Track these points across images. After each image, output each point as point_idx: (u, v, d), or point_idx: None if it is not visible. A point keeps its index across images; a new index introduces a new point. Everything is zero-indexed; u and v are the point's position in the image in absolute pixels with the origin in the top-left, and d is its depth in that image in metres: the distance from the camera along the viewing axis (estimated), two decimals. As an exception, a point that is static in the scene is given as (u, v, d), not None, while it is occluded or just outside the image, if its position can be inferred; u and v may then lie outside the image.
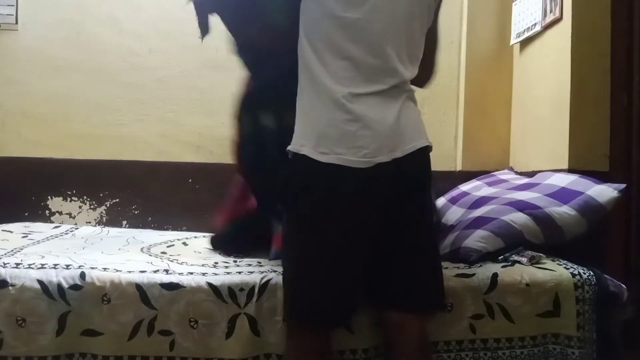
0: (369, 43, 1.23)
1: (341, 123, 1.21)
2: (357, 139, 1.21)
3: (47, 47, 2.51)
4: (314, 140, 1.23)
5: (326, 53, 1.24)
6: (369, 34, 1.23)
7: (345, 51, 1.23)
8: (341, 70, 1.23)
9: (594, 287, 1.50)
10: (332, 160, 1.21)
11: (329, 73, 1.23)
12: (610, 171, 1.95)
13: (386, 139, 1.23)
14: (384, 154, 1.22)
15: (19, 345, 1.37)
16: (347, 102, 1.21)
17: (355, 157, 1.20)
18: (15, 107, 2.48)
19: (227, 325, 1.40)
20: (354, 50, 1.23)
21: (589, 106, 1.98)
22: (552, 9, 2.10)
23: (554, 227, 1.66)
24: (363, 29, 1.23)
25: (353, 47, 1.23)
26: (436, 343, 1.46)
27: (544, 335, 1.49)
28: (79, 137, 2.52)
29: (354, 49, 1.23)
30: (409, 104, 1.30)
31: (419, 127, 1.32)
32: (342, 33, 1.23)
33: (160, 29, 2.57)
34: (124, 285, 1.41)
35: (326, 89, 1.23)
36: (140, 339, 1.39)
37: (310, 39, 1.26)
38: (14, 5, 2.48)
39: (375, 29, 1.23)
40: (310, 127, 1.25)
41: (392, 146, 1.23)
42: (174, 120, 2.31)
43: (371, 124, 1.21)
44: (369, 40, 1.23)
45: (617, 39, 1.97)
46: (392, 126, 1.24)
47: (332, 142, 1.21)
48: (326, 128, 1.22)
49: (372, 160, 1.21)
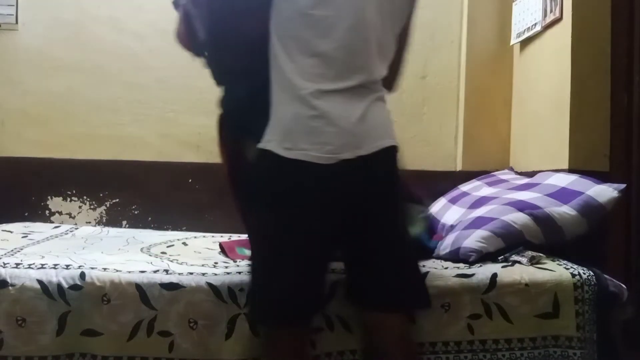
0: (338, 39, 1.23)
1: (306, 119, 1.22)
2: (321, 135, 1.21)
3: (47, 47, 2.51)
4: (280, 135, 1.23)
5: (295, 50, 1.24)
6: (338, 30, 1.23)
7: (315, 48, 1.23)
8: (309, 67, 1.23)
9: (594, 287, 1.50)
10: (296, 155, 1.21)
11: (297, 70, 1.24)
12: (610, 171, 1.95)
13: (351, 136, 1.23)
14: (348, 150, 1.22)
15: (19, 345, 1.37)
16: (313, 98, 1.22)
17: (319, 153, 1.20)
18: (15, 107, 2.48)
19: (227, 326, 1.40)
20: (323, 47, 1.23)
21: (589, 106, 1.98)
22: (552, 9, 2.10)
23: (554, 227, 1.66)
24: (332, 26, 1.23)
25: (322, 44, 1.23)
26: (434, 344, 1.46)
27: (544, 337, 1.49)
28: (79, 137, 2.53)
29: (323, 45, 1.23)
30: (377, 103, 1.29)
31: (387, 126, 1.32)
32: (311, 30, 1.23)
33: (160, 29, 2.56)
34: (123, 285, 1.41)
35: (293, 86, 1.23)
36: (139, 339, 1.39)
37: (280, 37, 1.26)
38: (14, 5, 2.48)
39: (345, 25, 1.23)
40: (277, 124, 1.25)
41: (357, 143, 1.23)
42: (174, 120, 2.31)
43: (336, 121, 1.22)
44: (338, 37, 1.23)
45: (617, 39, 1.97)
46: (357, 124, 1.23)
47: (297, 138, 1.22)
48: (291, 124, 1.23)
49: (336, 157, 1.21)
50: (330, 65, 1.24)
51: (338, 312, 1.42)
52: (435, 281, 1.46)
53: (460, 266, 1.59)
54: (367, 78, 1.27)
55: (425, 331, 1.45)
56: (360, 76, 1.26)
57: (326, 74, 1.23)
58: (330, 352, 1.43)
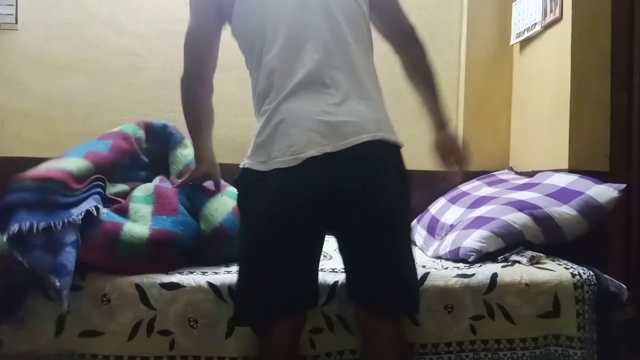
0: (279, 48, 1.27)
1: (272, 127, 1.24)
2: (286, 138, 1.22)
3: (47, 47, 2.50)
4: (255, 151, 1.28)
5: (252, 70, 1.35)
6: (278, 39, 1.27)
7: (262, 62, 1.29)
8: (265, 84, 1.29)
9: (594, 287, 1.50)
10: (270, 166, 1.23)
11: (261, 92, 1.29)
12: (610, 171, 1.95)
13: (314, 133, 1.21)
14: (313, 148, 1.20)
15: (18, 345, 1.37)
16: (275, 107, 1.25)
17: (285, 157, 1.21)
18: (15, 107, 2.48)
19: (227, 325, 1.40)
20: (266, 60, 1.29)
21: (589, 106, 1.98)
22: (552, 9, 2.10)
23: (554, 227, 1.66)
24: (274, 37, 1.28)
25: (266, 58, 1.29)
26: (436, 345, 1.46)
27: (545, 336, 1.49)
28: (79, 137, 2.51)
29: (267, 59, 1.29)
30: (353, 98, 1.26)
31: (367, 121, 1.25)
32: (258, 48, 1.31)
33: (160, 29, 2.57)
34: (123, 285, 1.41)
35: (259, 106, 1.30)
36: (139, 339, 1.39)
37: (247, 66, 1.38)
38: (14, 5, 2.48)
39: (287, 33, 1.27)
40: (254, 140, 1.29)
41: (323, 141, 1.21)
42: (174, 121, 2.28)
43: (298, 121, 1.22)
44: (278, 46, 1.27)
45: (617, 38, 1.97)
46: (321, 121, 1.22)
47: (269, 149, 1.24)
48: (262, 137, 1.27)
49: (299, 157, 1.20)
50: (286, 76, 1.26)
51: (338, 312, 1.42)
52: (436, 281, 1.46)
53: (460, 266, 1.59)
54: (327, 73, 1.25)
55: (428, 332, 1.45)
56: (313, 73, 1.25)
57: (281, 86, 1.26)
58: (330, 352, 1.43)
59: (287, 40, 1.27)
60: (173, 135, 1.99)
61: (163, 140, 1.98)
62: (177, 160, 1.93)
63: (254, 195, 1.27)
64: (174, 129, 2.01)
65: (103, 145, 1.72)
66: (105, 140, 1.77)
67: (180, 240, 1.55)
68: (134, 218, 1.55)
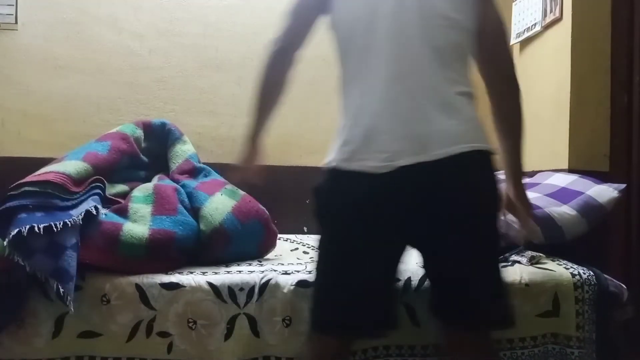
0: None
1: (361, 129, 1.20)
2: (377, 144, 1.17)
3: (47, 47, 2.50)
4: (340, 149, 1.22)
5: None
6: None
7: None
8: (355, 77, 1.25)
9: (594, 287, 1.50)
10: (354, 167, 1.18)
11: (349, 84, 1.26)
12: (610, 171, 1.95)
13: (408, 141, 1.16)
14: (406, 157, 1.15)
15: (16, 346, 1.36)
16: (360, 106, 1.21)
17: (375, 162, 1.16)
18: (15, 107, 2.48)
19: (226, 326, 1.40)
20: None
21: (589, 106, 1.98)
22: (552, 9, 2.10)
23: (554, 227, 1.66)
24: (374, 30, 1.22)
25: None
26: (438, 346, 1.45)
27: (544, 335, 1.49)
28: (79, 137, 2.51)
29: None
30: (450, 105, 1.21)
31: (463, 131, 1.19)
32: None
33: (160, 29, 2.57)
34: (123, 285, 1.41)
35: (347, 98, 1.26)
36: (138, 340, 1.39)
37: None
38: (14, 5, 2.48)
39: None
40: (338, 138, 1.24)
41: (416, 150, 1.15)
42: (174, 120, 2.30)
43: (390, 127, 1.18)
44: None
45: (617, 38, 1.97)
46: (416, 128, 1.17)
47: (355, 149, 1.19)
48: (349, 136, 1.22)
49: (391, 164, 1.15)
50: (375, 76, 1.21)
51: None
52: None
53: (460, 266, 1.59)
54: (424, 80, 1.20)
55: (429, 333, 1.43)
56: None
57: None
58: (330, 352, 1.42)
59: (386, 36, 1.20)
60: (172, 132, 1.99)
61: (162, 138, 1.98)
62: (176, 156, 1.94)
63: (337, 196, 1.22)
64: (173, 126, 2.01)
65: (101, 147, 1.73)
66: (104, 141, 1.77)
67: (180, 240, 1.55)
68: (133, 218, 1.55)
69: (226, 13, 2.60)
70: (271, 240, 1.79)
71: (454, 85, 1.22)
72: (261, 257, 1.75)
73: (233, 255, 1.65)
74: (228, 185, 1.82)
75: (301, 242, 2.13)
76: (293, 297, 1.42)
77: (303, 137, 2.62)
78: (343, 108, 1.26)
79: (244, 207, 1.73)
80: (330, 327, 1.22)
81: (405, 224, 1.17)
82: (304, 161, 2.60)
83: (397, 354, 1.44)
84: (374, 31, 1.21)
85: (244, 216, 1.70)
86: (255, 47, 2.61)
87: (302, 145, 2.62)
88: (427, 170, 1.14)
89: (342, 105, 1.27)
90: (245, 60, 2.61)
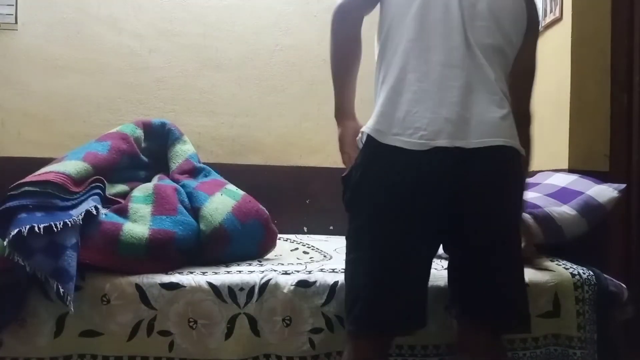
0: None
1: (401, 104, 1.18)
2: (415, 121, 1.15)
3: (47, 47, 2.50)
4: (376, 119, 1.20)
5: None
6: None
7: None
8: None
9: (594, 287, 1.50)
10: (389, 141, 1.15)
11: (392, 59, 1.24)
12: (610, 171, 1.95)
13: (448, 123, 1.15)
14: (444, 138, 1.14)
15: (19, 345, 1.37)
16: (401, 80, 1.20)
17: (411, 139, 1.14)
18: (15, 107, 2.48)
19: (226, 326, 1.40)
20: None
21: (589, 106, 1.98)
22: (552, 9, 2.10)
23: (554, 227, 1.66)
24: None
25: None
26: (438, 346, 1.45)
27: (545, 336, 1.49)
28: (79, 137, 2.51)
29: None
30: (490, 98, 1.21)
31: (502, 125, 1.20)
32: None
33: (160, 29, 2.57)
34: (123, 285, 1.41)
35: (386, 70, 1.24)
36: (139, 339, 1.39)
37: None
38: (14, 5, 2.48)
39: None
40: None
41: (455, 133, 1.15)
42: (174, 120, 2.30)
43: (432, 107, 1.16)
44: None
45: (617, 39, 1.97)
46: (459, 113, 1.16)
47: (391, 123, 1.17)
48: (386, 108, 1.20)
49: (428, 143, 1.13)
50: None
51: (338, 312, 1.41)
52: (436, 281, 1.46)
53: (460, 266, 1.59)
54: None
55: (429, 334, 1.42)
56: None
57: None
58: (330, 352, 1.43)
59: (442, 18, 1.20)
60: (172, 132, 1.99)
61: (162, 138, 1.98)
62: (176, 155, 1.94)
63: (371, 168, 1.18)
64: (173, 126, 2.01)
65: (101, 147, 1.73)
66: (104, 141, 1.77)
67: (180, 240, 1.55)
68: (133, 218, 1.55)
69: (226, 13, 2.61)
70: (271, 240, 1.79)
71: (498, 82, 1.23)
72: (261, 257, 1.74)
73: (233, 255, 1.65)
74: (228, 185, 1.82)
75: (301, 242, 2.13)
76: (293, 297, 1.42)
77: (303, 137, 2.62)
78: (384, 78, 1.23)
79: (244, 207, 1.73)
80: (382, 325, 1.19)
81: (437, 210, 1.16)
82: (304, 161, 2.61)
83: (398, 353, 1.43)
84: (429, 8, 1.21)
85: (244, 216, 1.70)
86: (255, 47, 2.62)
87: (302, 145, 2.62)
88: (464, 156, 1.14)
89: (383, 75, 1.23)
90: (245, 60, 2.61)
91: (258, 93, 2.62)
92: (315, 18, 2.64)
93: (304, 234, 2.44)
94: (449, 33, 1.20)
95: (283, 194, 2.47)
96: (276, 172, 2.57)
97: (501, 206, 1.20)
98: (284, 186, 2.52)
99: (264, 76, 2.62)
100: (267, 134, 2.60)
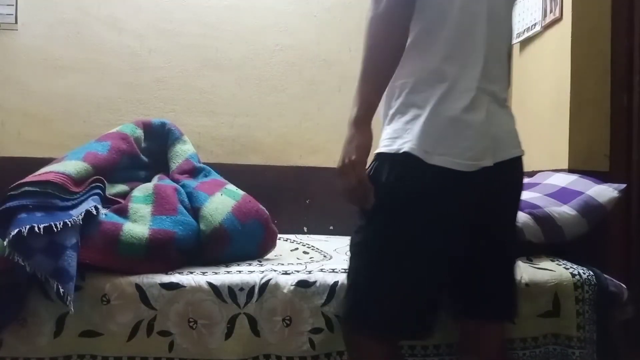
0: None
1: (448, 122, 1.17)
2: (462, 139, 1.14)
3: (47, 47, 2.50)
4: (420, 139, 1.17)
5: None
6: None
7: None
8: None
9: (594, 287, 1.50)
10: (436, 161, 1.13)
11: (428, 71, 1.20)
12: (610, 171, 1.95)
13: (489, 140, 1.16)
14: (488, 157, 1.15)
15: (19, 345, 1.37)
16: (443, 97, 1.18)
17: (459, 159, 1.13)
18: (15, 107, 2.48)
19: (226, 326, 1.40)
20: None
21: (589, 106, 1.98)
22: (552, 9, 2.10)
23: (554, 227, 1.66)
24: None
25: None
26: (438, 346, 1.45)
27: (544, 335, 1.49)
28: (79, 137, 2.51)
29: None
30: (508, 109, 1.27)
31: (515, 134, 1.27)
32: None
33: (160, 29, 2.57)
34: (123, 285, 1.41)
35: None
36: (139, 339, 1.39)
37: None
38: (14, 5, 2.48)
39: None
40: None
41: (494, 149, 1.17)
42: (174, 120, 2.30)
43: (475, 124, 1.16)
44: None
45: (617, 39, 1.97)
46: (490, 128, 1.17)
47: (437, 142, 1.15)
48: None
49: (476, 164, 1.13)
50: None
51: (338, 313, 1.42)
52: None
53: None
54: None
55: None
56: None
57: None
58: (330, 352, 1.43)
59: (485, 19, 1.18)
60: (172, 132, 1.99)
61: (162, 138, 1.98)
62: (176, 155, 1.94)
63: (412, 188, 1.14)
64: (173, 126, 2.01)
65: (101, 147, 1.73)
66: (104, 141, 1.77)
67: (180, 240, 1.55)
68: (133, 218, 1.55)
69: (226, 13, 2.61)
70: (271, 240, 1.79)
71: (505, 91, 1.28)
72: (261, 257, 1.74)
73: (233, 255, 1.65)
74: (228, 185, 1.82)
75: (301, 242, 2.13)
76: (293, 297, 1.42)
77: (303, 137, 2.62)
78: (418, 80, 1.16)
79: (244, 207, 1.73)
80: (397, 329, 1.21)
81: (472, 222, 1.18)
82: (304, 161, 2.61)
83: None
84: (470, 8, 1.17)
85: (244, 216, 1.70)
86: (255, 47, 2.62)
87: (302, 145, 2.62)
88: (497, 171, 1.17)
89: (417, 77, 1.16)
90: (245, 60, 2.61)
91: (258, 93, 2.62)
92: (315, 18, 2.64)
93: (304, 234, 2.44)
94: (479, 46, 1.17)
95: (283, 194, 2.48)
96: (276, 172, 2.57)
97: (515, 212, 1.30)
98: (284, 186, 2.52)
99: (264, 76, 2.62)
100: (267, 134, 2.60)
